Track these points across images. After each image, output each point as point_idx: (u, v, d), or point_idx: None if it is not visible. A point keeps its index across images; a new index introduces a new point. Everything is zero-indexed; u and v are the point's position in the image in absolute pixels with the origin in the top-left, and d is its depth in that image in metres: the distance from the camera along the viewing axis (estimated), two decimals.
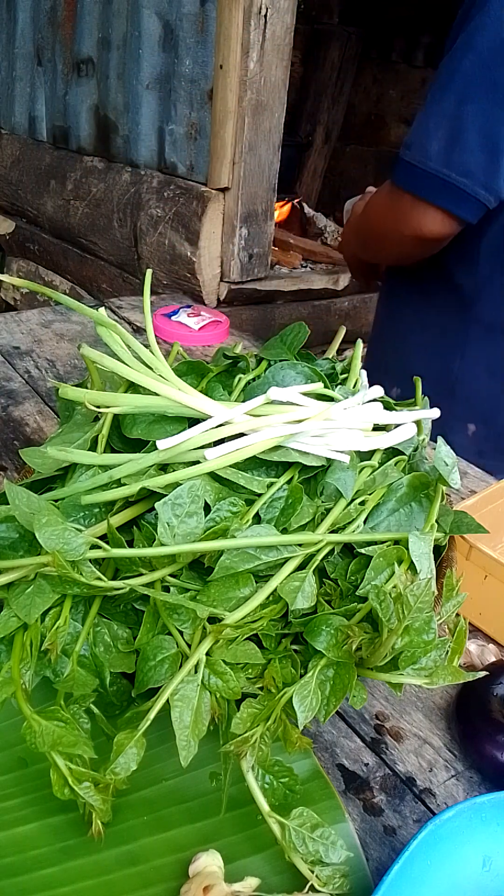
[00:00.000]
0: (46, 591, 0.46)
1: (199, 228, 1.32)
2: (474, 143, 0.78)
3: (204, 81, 1.27)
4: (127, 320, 1.21)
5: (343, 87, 2.72)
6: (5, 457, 0.81)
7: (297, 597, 0.48)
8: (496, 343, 0.96)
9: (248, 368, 0.64)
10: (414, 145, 0.82)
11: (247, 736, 0.42)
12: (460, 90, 0.78)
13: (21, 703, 0.43)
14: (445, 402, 0.96)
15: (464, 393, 0.99)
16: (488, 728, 0.49)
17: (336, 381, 0.63)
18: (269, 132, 1.27)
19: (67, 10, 1.60)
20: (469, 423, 1.01)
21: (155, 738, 0.45)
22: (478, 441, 1.01)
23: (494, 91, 0.76)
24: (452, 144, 0.79)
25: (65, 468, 0.54)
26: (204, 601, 0.46)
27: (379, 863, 0.44)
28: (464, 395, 0.99)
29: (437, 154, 0.79)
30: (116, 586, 0.46)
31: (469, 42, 0.77)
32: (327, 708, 0.46)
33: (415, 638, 0.45)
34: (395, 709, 0.55)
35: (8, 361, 1.03)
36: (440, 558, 0.57)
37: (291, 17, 1.19)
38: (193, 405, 0.51)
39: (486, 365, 0.98)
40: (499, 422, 1.00)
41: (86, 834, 0.42)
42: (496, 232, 0.88)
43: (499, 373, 0.97)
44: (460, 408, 1.00)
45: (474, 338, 0.97)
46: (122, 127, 1.53)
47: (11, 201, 1.98)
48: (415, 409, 0.63)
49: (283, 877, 0.41)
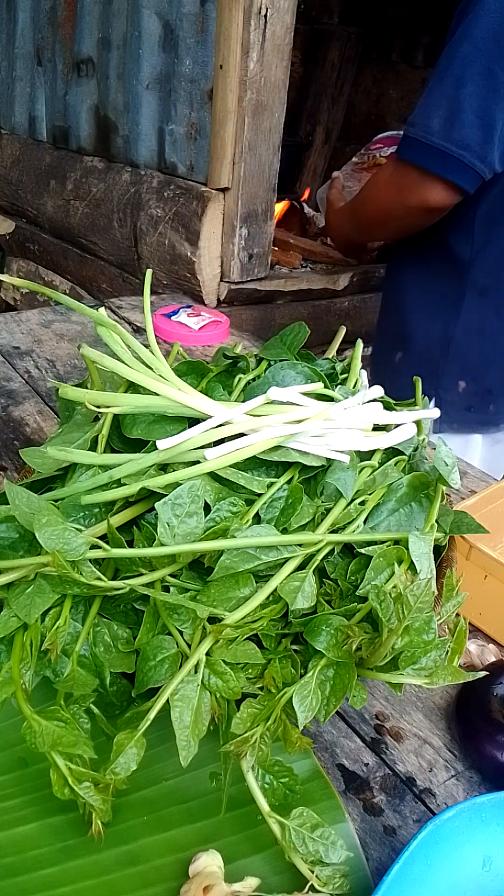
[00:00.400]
0: (46, 591, 0.46)
1: (199, 228, 1.32)
2: (471, 120, 0.88)
3: (204, 81, 1.27)
4: (127, 320, 1.21)
5: (343, 87, 2.72)
6: (5, 457, 0.81)
7: (297, 597, 0.48)
8: (488, 306, 1.06)
9: (248, 368, 0.64)
10: (418, 123, 0.92)
11: (247, 736, 0.42)
12: (458, 75, 0.88)
13: (21, 703, 0.43)
14: (440, 361, 1.11)
15: (457, 352, 1.09)
16: (488, 728, 0.49)
17: (336, 381, 0.63)
18: (269, 132, 1.27)
19: (67, 10, 1.59)
20: (460, 380, 1.12)
21: (155, 738, 0.45)
22: (467, 397, 1.13)
23: (489, 76, 0.86)
24: (452, 122, 0.89)
25: (65, 468, 0.54)
26: (204, 601, 0.46)
27: (379, 863, 0.44)
28: (457, 354, 1.10)
29: (439, 130, 0.89)
30: (116, 586, 0.46)
31: (466, 32, 0.87)
32: (327, 708, 0.46)
33: (415, 638, 0.45)
34: (395, 709, 0.55)
35: (8, 361, 1.03)
36: (440, 558, 0.57)
37: (291, 17, 1.19)
38: (193, 405, 0.51)
39: (478, 326, 1.08)
40: (487, 378, 1.11)
41: (86, 834, 0.42)
42: (489, 202, 0.98)
43: (489, 333, 1.08)
44: (453, 366, 1.11)
45: (469, 301, 1.07)
46: (122, 127, 1.53)
47: (11, 201, 1.98)
48: (415, 409, 0.63)
49: (283, 877, 0.41)
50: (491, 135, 0.89)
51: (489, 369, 1.11)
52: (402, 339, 1.17)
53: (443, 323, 1.10)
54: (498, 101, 0.87)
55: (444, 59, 0.90)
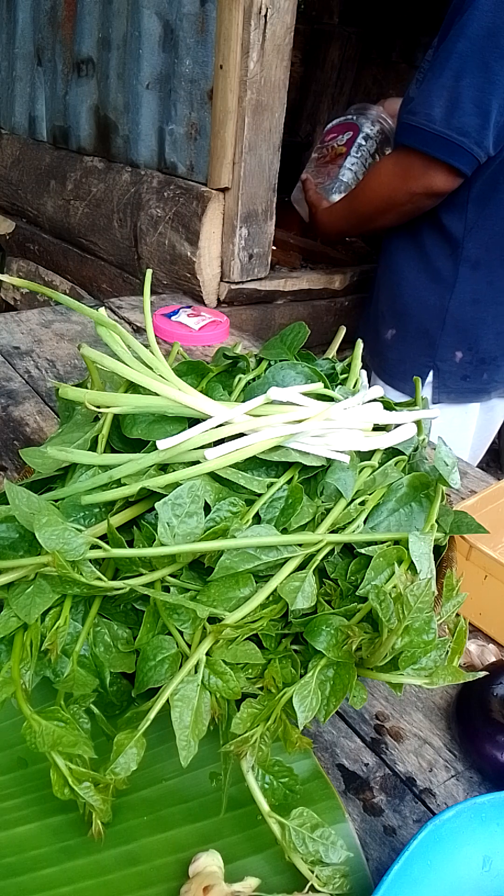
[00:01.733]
0: (46, 591, 0.46)
1: (199, 228, 1.32)
2: (469, 109, 0.97)
3: (204, 81, 1.27)
4: (127, 320, 1.21)
5: (343, 87, 2.72)
6: (5, 457, 0.81)
7: (297, 597, 0.48)
8: (481, 276, 1.15)
9: (248, 368, 0.64)
10: (419, 112, 1.01)
11: (247, 736, 0.42)
12: (457, 68, 0.97)
13: (21, 703, 0.43)
14: (438, 333, 1.19)
15: (453, 323, 1.18)
16: (488, 728, 0.49)
17: (336, 381, 0.63)
18: (269, 132, 1.27)
19: (67, 10, 1.59)
20: (457, 350, 1.20)
21: (155, 738, 0.45)
22: (463, 366, 1.21)
23: (485, 69, 0.96)
24: (452, 111, 0.98)
25: (65, 468, 0.54)
26: (204, 601, 0.46)
27: (379, 863, 0.44)
28: (453, 325, 1.19)
29: (441, 119, 0.99)
30: (116, 586, 0.46)
31: (462, 29, 0.96)
32: (327, 708, 0.46)
33: (415, 638, 0.45)
34: (395, 709, 0.55)
35: (8, 361, 1.03)
36: (440, 558, 0.57)
37: (291, 17, 1.19)
38: (193, 405, 0.51)
39: (472, 297, 1.17)
40: (481, 347, 1.20)
41: (86, 834, 0.42)
42: (482, 183, 1.07)
43: (482, 302, 1.17)
44: (450, 338, 1.20)
45: (462, 274, 1.16)
46: (122, 127, 1.53)
47: (11, 201, 1.98)
48: (415, 410, 0.63)
49: (283, 877, 0.41)
50: (487, 122, 0.98)
51: (483, 338, 1.19)
52: (397, 317, 1.25)
53: (438, 296, 1.18)
54: (493, 92, 0.96)
55: (441, 55, 0.99)
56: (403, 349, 1.25)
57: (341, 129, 1.48)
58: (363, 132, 1.45)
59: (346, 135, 1.46)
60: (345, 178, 1.43)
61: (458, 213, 1.12)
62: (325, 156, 1.49)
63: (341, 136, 1.47)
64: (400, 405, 0.64)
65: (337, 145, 1.46)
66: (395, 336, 1.26)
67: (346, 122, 1.50)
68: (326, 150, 1.48)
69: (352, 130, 1.47)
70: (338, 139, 1.47)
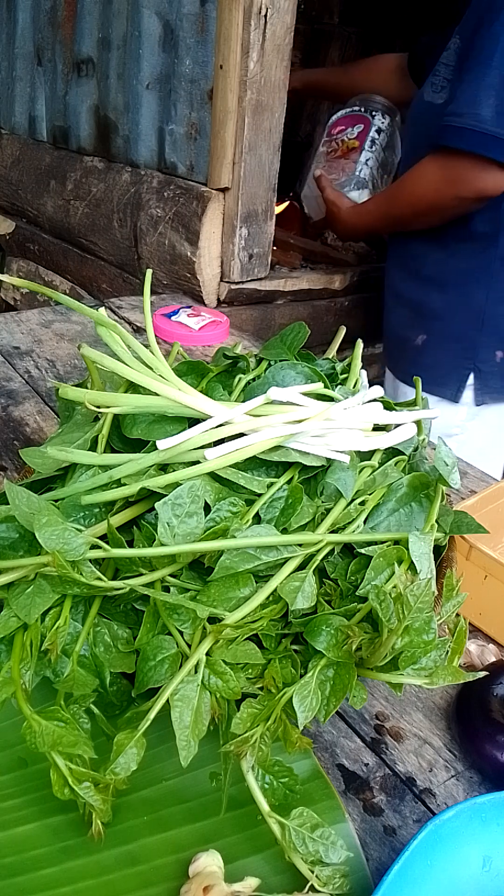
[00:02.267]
0: (46, 591, 0.46)
1: (199, 228, 1.32)
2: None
3: (204, 81, 1.27)
4: (127, 320, 1.21)
5: None
6: (5, 457, 0.81)
7: (297, 597, 0.47)
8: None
9: (248, 368, 0.64)
10: (467, 114, 0.99)
11: (247, 736, 0.42)
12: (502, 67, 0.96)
13: (21, 703, 0.43)
14: (476, 335, 1.16)
15: (492, 323, 1.16)
16: (488, 728, 0.49)
17: (336, 381, 0.63)
18: (269, 132, 1.27)
19: (67, 10, 1.59)
20: (498, 350, 1.18)
21: (155, 738, 0.45)
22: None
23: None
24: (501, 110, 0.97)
25: (65, 468, 0.54)
26: (204, 601, 0.46)
27: (379, 863, 0.44)
28: (493, 324, 1.16)
29: (491, 118, 0.97)
30: (116, 586, 0.46)
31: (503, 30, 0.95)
32: (327, 708, 0.46)
33: (415, 638, 0.45)
34: (395, 709, 0.55)
35: (8, 361, 1.03)
36: (440, 558, 0.57)
37: (291, 17, 1.19)
38: (193, 405, 0.51)
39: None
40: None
41: (86, 834, 0.42)
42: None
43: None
44: (490, 338, 1.17)
45: (497, 272, 1.13)
46: (122, 127, 1.53)
47: (11, 201, 1.98)
48: (415, 410, 0.63)
49: (283, 877, 0.41)
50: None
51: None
52: (426, 322, 1.21)
53: (474, 298, 1.15)
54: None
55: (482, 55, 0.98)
56: (438, 354, 1.21)
57: (349, 122, 1.43)
58: (375, 125, 1.40)
59: (355, 127, 1.41)
60: (362, 175, 1.38)
61: (491, 210, 1.09)
62: (334, 150, 1.43)
63: (350, 128, 1.42)
64: (400, 405, 0.64)
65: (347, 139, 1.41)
66: (426, 341, 1.22)
67: (353, 113, 1.44)
68: (336, 145, 1.43)
69: (362, 123, 1.41)
70: (347, 132, 1.42)
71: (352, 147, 1.40)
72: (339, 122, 1.45)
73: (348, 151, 1.40)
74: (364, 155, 1.39)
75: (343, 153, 1.41)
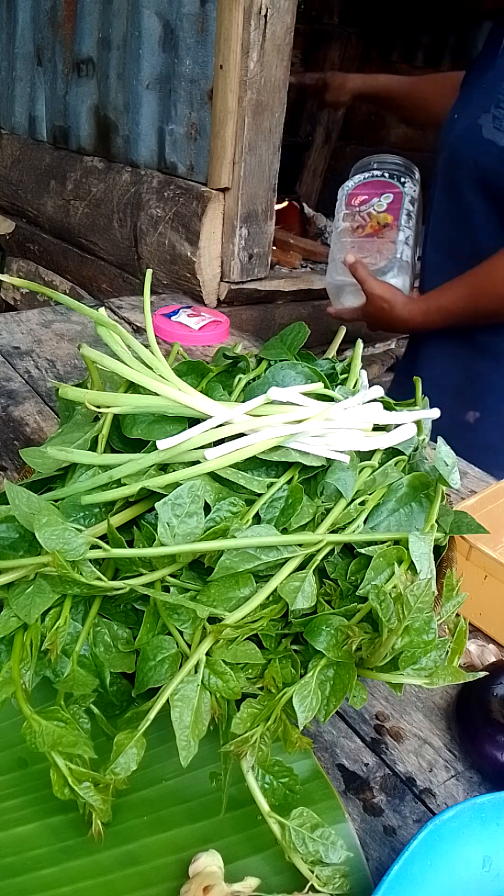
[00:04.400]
0: (46, 591, 0.46)
1: (199, 228, 1.32)
2: None
3: (204, 81, 1.27)
4: (127, 320, 1.21)
5: None
6: (5, 457, 0.81)
7: (297, 597, 0.47)
8: None
9: (248, 368, 0.64)
10: None
11: (247, 736, 0.42)
12: None
13: (21, 703, 0.43)
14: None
15: None
16: (488, 728, 0.49)
17: (336, 381, 0.63)
18: (269, 132, 1.27)
19: (67, 10, 1.59)
20: None
21: (155, 738, 0.45)
22: None
23: None
24: None
25: (65, 468, 0.54)
26: (204, 601, 0.46)
27: (379, 863, 0.44)
28: None
29: None
30: (116, 586, 0.46)
31: None
32: (327, 708, 0.46)
33: (415, 638, 0.45)
34: (395, 709, 0.55)
35: (8, 361, 1.03)
36: (440, 558, 0.57)
37: (291, 17, 1.19)
38: (193, 405, 0.51)
39: None
40: None
41: (86, 834, 0.42)
42: None
43: None
44: None
45: None
46: (122, 127, 1.53)
47: (11, 201, 1.98)
48: (415, 410, 0.63)
49: (283, 877, 0.41)
50: None
51: None
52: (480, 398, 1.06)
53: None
54: None
55: None
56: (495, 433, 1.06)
57: (373, 190, 1.19)
58: (407, 194, 1.17)
59: (383, 197, 1.17)
60: (404, 258, 1.14)
61: None
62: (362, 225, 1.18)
63: (377, 199, 1.18)
64: (400, 405, 0.64)
65: (376, 212, 1.16)
66: (479, 420, 1.07)
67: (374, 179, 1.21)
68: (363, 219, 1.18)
69: (390, 192, 1.18)
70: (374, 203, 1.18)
71: (385, 223, 1.16)
72: (360, 191, 1.20)
73: (381, 228, 1.16)
74: (402, 233, 1.15)
75: (375, 230, 1.17)
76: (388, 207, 1.16)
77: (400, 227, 1.14)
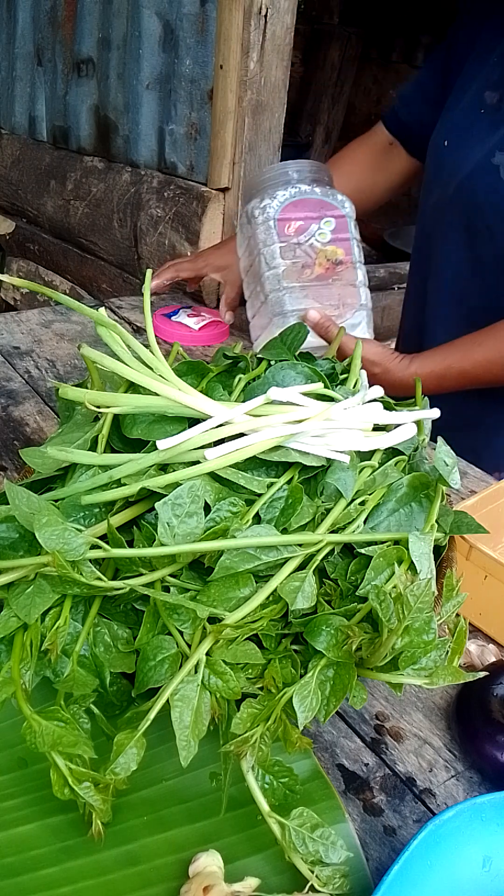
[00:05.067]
0: (46, 591, 0.46)
1: (199, 228, 1.32)
2: None
3: (204, 81, 1.27)
4: (127, 320, 1.21)
5: (343, 87, 2.72)
6: (5, 457, 0.81)
7: (297, 597, 0.48)
8: None
9: (248, 368, 0.64)
10: None
11: (247, 736, 0.42)
12: None
13: (21, 703, 0.43)
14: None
15: None
16: (488, 728, 0.49)
17: (336, 381, 0.63)
18: (269, 132, 1.27)
19: (67, 10, 1.60)
20: None
21: (155, 738, 0.45)
22: None
23: None
24: None
25: (65, 468, 0.54)
26: (204, 601, 0.46)
27: (379, 863, 0.44)
28: None
29: None
30: (116, 586, 0.46)
31: None
32: (327, 708, 0.46)
33: (415, 638, 0.45)
34: (395, 709, 0.55)
35: (8, 361, 1.03)
36: (440, 558, 0.57)
37: (291, 17, 1.19)
38: (193, 405, 0.51)
39: None
40: None
41: (86, 834, 0.42)
42: None
43: None
44: None
45: None
46: (122, 127, 1.53)
47: (11, 201, 1.98)
48: (415, 410, 0.63)
49: (283, 877, 0.41)
50: None
51: None
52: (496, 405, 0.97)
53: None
54: None
55: None
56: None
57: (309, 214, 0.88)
58: (351, 217, 0.91)
59: (323, 223, 0.89)
60: (369, 304, 0.91)
61: None
62: (308, 265, 0.88)
63: (316, 224, 0.88)
64: (400, 405, 0.64)
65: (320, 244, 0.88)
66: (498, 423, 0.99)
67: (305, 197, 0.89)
68: (308, 255, 0.88)
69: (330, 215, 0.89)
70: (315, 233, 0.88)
71: (336, 259, 0.89)
72: (290, 214, 0.88)
73: (333, 267, 0.89)
74: (360, 272, 0.91)
75: (327, 270, 0.89)
76: (334, 238, 0.89)
77: (355, 264, 0.90)
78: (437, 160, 0.97)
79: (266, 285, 0.87)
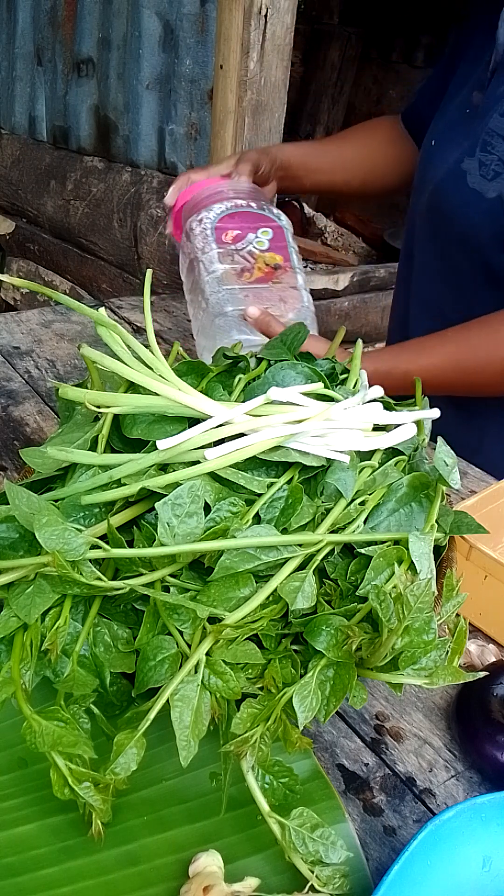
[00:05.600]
0: (46, 591, 0.46)
1: None
2: None
3: (204, 81, 1.28)
4: (127, 320, 1.21)
5: (343, 87, 2.72)
6: (5, 457, 0.81)
7: (297, 597, 0.48)
8: None
9: (248, 368, 0.64)
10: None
11: (247, 736, 0.42)
12: None
13: (21, 703, 0.43)
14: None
15: None
16: (488, 728, 0.49)
17: (336, 381, 0.63)
18: (269, 132, 1.27)
19: (67, 10, 1.60)
20: None
21: (155, 738, 0.45)
22: None
23: None
24: None
25: (65, 468, 0.54)
26: (204, 601, 0.46)
27: (379, 863, 0.44)
28: None
29: None
30: (116, 586, 0.46)
31: None
32: (327, 708, 0.46)
33: (415, 638, 0.45)
34: (395, 709, 0.55)
35: (8, 361, 1.03)
36: (440, 558, 0.57)
37: (291, 17, 1.19)
38: (193, 405, 0.51)
39: None
40: None
41: (86, 834, 0.42)
42: None
43: None
44: None
45: None
46: (122, 127, 1.53)
47: (11, 201, 1.98)
48: (415, 409, 0.63)
49: (283, 877, 0.41)
50: None
51: None
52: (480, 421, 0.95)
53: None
54: None
55: None
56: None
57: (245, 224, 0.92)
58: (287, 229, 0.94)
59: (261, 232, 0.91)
60: (311, 306, 0.92)
61: None
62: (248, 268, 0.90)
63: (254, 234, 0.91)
64: (400, 405, 0.64)
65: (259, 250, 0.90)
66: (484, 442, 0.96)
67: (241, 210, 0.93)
68: (247, 260, 0.90)
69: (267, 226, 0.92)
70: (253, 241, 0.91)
71: (275, 264, 0.91)
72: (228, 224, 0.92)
73: (272, 271, 0.91)
74: (300, 276, 0.93)
75: (266, 274, 0.91)
76: (272, 245, 0.92)
77: (294, 269, 0.92)
78: (425, 160, 0.95)
79: (206, 289, 0.87)
